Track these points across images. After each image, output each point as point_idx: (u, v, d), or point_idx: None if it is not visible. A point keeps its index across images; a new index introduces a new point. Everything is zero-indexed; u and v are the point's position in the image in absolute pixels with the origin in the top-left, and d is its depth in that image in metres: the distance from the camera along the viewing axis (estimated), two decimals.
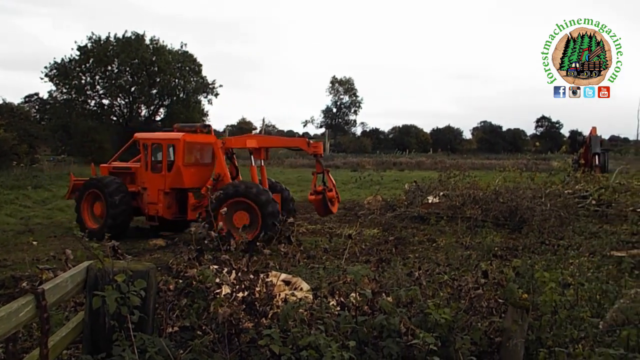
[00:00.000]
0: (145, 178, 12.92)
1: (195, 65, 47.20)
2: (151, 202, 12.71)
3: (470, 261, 6.83)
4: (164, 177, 12.70)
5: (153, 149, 13.06)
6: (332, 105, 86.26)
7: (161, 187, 12.72)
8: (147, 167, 12.95)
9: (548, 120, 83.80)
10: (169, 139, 13.06)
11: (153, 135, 13.89)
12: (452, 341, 3.66)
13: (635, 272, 8.18)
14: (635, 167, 34.15)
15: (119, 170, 13.59)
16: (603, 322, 4.06)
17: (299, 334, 3.38)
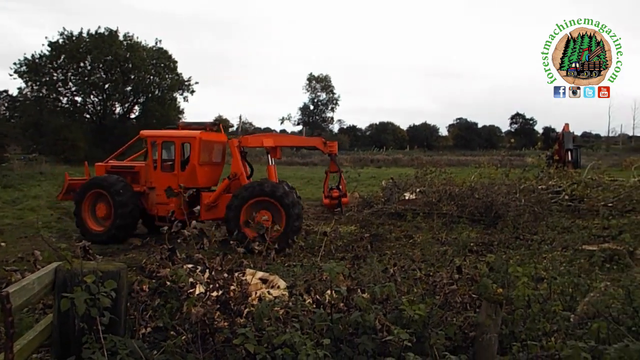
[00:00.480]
0: (153, 177, 12.34)
1: (171, 62, 46.64)
2: (161, 202, 12.05)
3: (446, 257, 6.87)
4: (177, 176, 12.18)
5: (164, 147, 12.53)
6: (309, 102, 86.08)
7: (173, 186, 11.79)
8: (156, 166, 12.38)
9: (522, 117, 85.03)
10: (184, 137, 12.49)
11: (164, 132, 13.07)
12: (427, 337, 3.68)
13: (606, 266, 8.36)
14: (607, 163, 34.92)
15: (118, 169, 12.87)
16: (574, 316, 4.12)
17: (274, 332, 3.35)
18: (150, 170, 12.41)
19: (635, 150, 61.76)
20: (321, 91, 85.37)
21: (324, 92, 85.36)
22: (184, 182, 11.72)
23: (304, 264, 8.34)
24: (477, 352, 3.82)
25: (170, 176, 12.23)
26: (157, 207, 12.20)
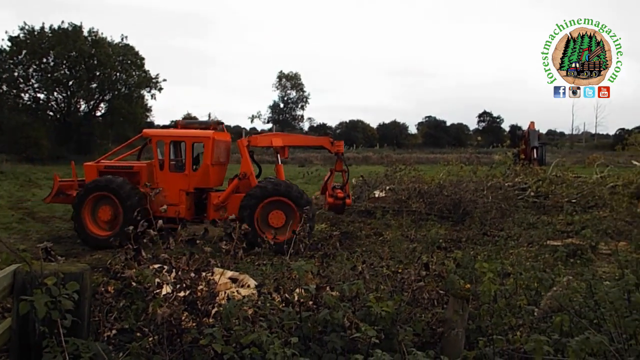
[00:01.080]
0: (160, 178, 11.86)
1: (138, 58, 45.85)
2: (170, 203, 11.47)
3: (415, 254, 6.94)
4: (187, 176, 11.89)
5: (173, 147, 12.12)
6: (279, 100, 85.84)
7: (184, 187, 11.89)
8: (162, 166, 11.94)
9: (489, 115, 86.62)
10: (197, 136, 12.16)
11: (173, 132, 12.54)
12: (396, 333, 3.70)
13: (570, 260, 8.59)
14: (570, 160, 35.82)
15: (114, 169, 12.18)
16: (538, 310, 4.21)
17: (242, 332, 3.32)
18: (157, 171, 11.94)
19: (597, 147, 63.63)
20: (291, 89, 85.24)
21: (294, 90, 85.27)
22: (196, 183, 11.96)
23: (274, 262, 8.33)
24: (444, 348, 3.86)
25: (181, 177, 11.92)
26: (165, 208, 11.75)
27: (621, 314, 3.26)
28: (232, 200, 11.80)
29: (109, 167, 12.25)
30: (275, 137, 13.09)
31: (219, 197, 11.92)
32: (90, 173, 12.17)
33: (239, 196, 11.75)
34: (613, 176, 21.39)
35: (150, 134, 12.51)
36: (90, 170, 12.25)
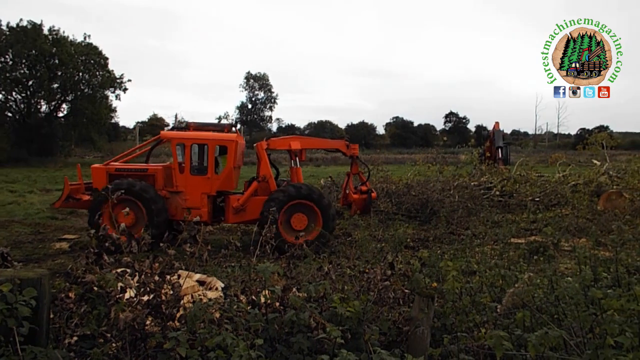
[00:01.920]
0: (181, 181, 11.66)
1: (101, 58, 44.84)
2: (191, 206, 11.43)
3: (382, 253, 6.99)
4: (210, 179, 11.72)
5: (195, 150, 11.88)
6: (247, 101, 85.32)
7: (206, 190, 11.73)
8: (183, 168, 11.71)
9: (456, 115, 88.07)
10: (220, 139, 11.98)
11: (195, 134, 12.11)
12: (362, 333, 3.72)
13: (534, 258, 8.78)
14: (534, 160, 36.68)
15: (126, 172, 11.77)
16: (500, 306, 4.28)
17: (207, 334, 3.27)
18: (176, 174, 11.70)
19: (559, 147, 65.37)
20: (259, 90, 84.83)
21: (262, 90, 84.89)
22: (218, 186, 11.84)
23: (242, 264, 8.27)
24: (410, 346, 3.89)
25: (203, 180, 11.72)
26: (184, 212, 11.23)
27: (580, 309, 3.35)
28: (251, 203, 11.80)
29: (121, 170, 11.85)
30: (293, 140, 13.15)
31: (238, 200, 11.83)
32: (99, 176, 11.72)
33: (258, 199, 11.81)
34: (574, 175, 22.01)
35: (169, 136, 12.25)
36: (98, 173, 11.79)
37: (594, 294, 2.93)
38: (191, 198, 11.56)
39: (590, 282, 3.54)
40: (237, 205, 11.74)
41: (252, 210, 11.61)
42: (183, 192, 11.63)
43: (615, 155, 31.90)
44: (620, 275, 4.36)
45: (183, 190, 11.63)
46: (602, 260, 5.17)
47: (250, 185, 12.14)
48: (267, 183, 12.06)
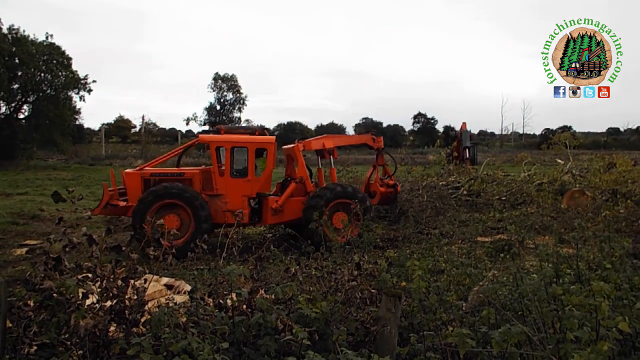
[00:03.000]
0: (222, 184, 11.70)
1: (64, 58, 43.60)
2: (232, 209, 11.31)
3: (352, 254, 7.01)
4: (251, 182, 11.84)
5: (235, 153, 11.89)
6: (215, 102, 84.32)
7: (247, 192, 11.84)
8: (223, 172, 11.75)
9: (424, 116, 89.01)
10: (260, 142, 12.11)
11: (234, 138, 12.16)
12: (330, 333, 3.71)
13: (500, 255, 8.94)
14: (500, 159, 37.32)
15: (162, 176, 11.71)
16: (466, 304, 4.34)
17: (172, 339, 3.22)
18: (217, 177, 11.71)
19: (525, 147, 66.77)
20: (227, 91, 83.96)
21: (231, 91, 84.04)
22: (258, 188, 12.01)
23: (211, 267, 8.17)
24: (378, 345, 3.91)
25: (244, 182, 11.82)
26: (226, 215, 11.46)
27: (542, 305, 3.42)
28: (288, 204, 12.03)
29: (156, 175, 11.77)
30: (326, 140, 13.50)
31: (277, 201, 11.99)
32: (133, 181, 11.58)
33: (295, 200, 12.09)
34: (539, 174, 22.50)
35: (209, 139, 12.24)
36: (133, 178, 11.64)
37: (554, 291, 2.99)
38: (232, 201, 11.64)
39: (552, 279, 3.62)
40: (276, 207, 11.92)
41: (289, 211, 11.91)
42: (223, 195, 11.70)
43: (578, 155, 32.75)
44: (581, 272, 4.47)
45: (223, 193, 11.71)
46: (565, 257, 5.29)
47: (288, 187, 12.41)
48: (303, 184, 12.42)
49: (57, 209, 16.43)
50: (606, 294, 2.69)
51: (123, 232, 13.00)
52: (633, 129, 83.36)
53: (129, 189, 11.54)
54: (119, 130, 75.32)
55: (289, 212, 11.87)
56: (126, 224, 14.40)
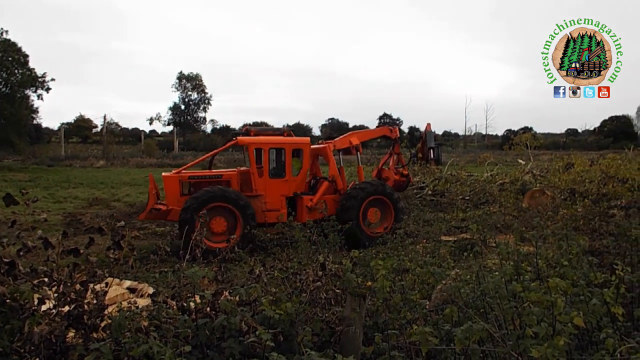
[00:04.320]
0: (261, 184, 12.08)
1: (21, 55, 42.26)
2: (272, 209, 11.94)
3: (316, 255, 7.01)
4: (288, 181, 12.36)
5: (273, 154, 12.39)
6: (179, 102, 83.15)
7: (285, 192, 12.34)
8: (262, 172, 12.14)
9: (389, 117, 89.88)
10: (296, 143, 12.69)
11: (271, 139, 12.59)
12: (295, 334, 3.69)
13: (463, 254, 9.09)
14: (464, 160, 38.03)
15: (201, 179, 11.98)
16: (429, 303, 4.38)
17: (133, 344, 3.14)
18: (256, 178, 12.05)
19: (488, 147, 68.26)
20: (192, 90, 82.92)
21: (195, 91, 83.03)
22: (295, 188, 12.53)
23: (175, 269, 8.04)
24: (343, 345, 3.91)
25: (281, 182, 12.30)
26: (265, 215, 11.89)
27: (503, 302, 3.48)
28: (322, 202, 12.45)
29: (196, 177, 12.08)
30: (352, 137, 14.09)
31: (312, 199, 12.42)
32: (172, 184, 11.71)
33: (327, 198, 12.63)
34: (501, 174, 23.04)
35: (247, 141, 12.36)
36: (171, 182, 11.74)
37: (514, 288, 3.05)
38: (271, 200, 12.03)
39: (513, 277, 3.69)
40: (311, 205, 12.30)
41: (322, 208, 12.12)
42: (262, 195, 12.04)
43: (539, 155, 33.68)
44: (540, 269, 4.58)
45: (263, 194, 12.05)
46: (525, 255, 5.41)
47: (320, 186, 12.91)
48: (334, 183, 12.99)
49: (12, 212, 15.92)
50: (563, 291, 2.76)
51: (83, 235, 12.69)
52: (590, 130, 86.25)
53: (167, 192, 11.66)
54: (79, 130, 73.38)
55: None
56: (87, 227, 14.08)
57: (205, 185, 11.69)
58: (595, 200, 15.58)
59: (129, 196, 21.71)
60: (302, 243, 7.87)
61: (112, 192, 23.26)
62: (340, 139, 14.01)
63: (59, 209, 17.89)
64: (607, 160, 19.40)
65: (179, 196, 11.54)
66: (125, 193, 22.66)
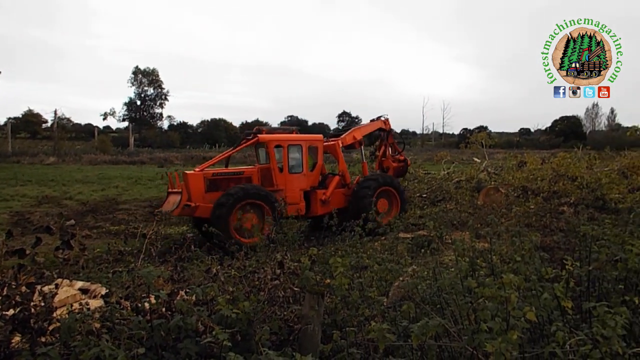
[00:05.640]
0: (281, 180, 12.77)
1: None
2: (291, 202, 12.43)
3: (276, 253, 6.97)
4: (306, 176, 13.13)
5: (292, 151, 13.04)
6: (135, 97, 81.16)
7: (303, 186, 13.09)
8: (282, 168, 12.84)
9: (349, 115, 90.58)
10: (311, 140, 13.62)
11: (290, 137, 13.39)
12: (253, 334, 3.65)
13: (421, 251, 9.22)
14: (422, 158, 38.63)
15: (225, 176, 12.53)
16: (387, 300, 4.42)
17: (84, 347, 3.03)
18: (276, 174, 12.71)
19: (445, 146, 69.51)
20: (148, 86, 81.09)
21: (152, 86, 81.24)
22: (312, 182, 13.38)
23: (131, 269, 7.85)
24: (301, 344, 3.90)
25: (300, 177, 13.07)
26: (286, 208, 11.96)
27: (458, 298, 3.54)
28: (333, 196, 13.36)
29: (220, 174, 12.57)
30: (355, 132, 15.06)
31: (325, 193, 13.26)
32: (197, 181, 12.03)
33: (337, 191, 13.57)
34: (458, 172, 23.51)
35: (268, 139, 12.90)
36: (196, 179, 12.07)
37: (469, 284, 3.11)
38: (291, 195, 12.70)
39: (468, 273, 3.76)
40: (325, 198, 13.14)
41: (333, 202, 12.98)
42: (283, 189, 12.69)
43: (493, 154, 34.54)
44: (494, 265, 4.68)
45: (283, 188, 12.71)
46: (480, 251, 5.53)
47: (331, 180, 13.71)
48: (343, 177, 13.87)
49: None
50: (516, 286, 2.82)
51: (32, 234, 12.23)
52: (542, 130, 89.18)
53: (192, 189, 11.88)
54: (28, 125, 70.69)
55: (333, 203, 12.85)
56: (36, 226, 13.59)
57: (228, 182, 12.29)
58: (547, 197, 16.10)
59: (82, 194, 21.05)
60: (261, 241, 7.83)
61: (63, 189, 22.43)
62: (346, 136, 14.81)
63: (5, 208, 17.17)
64: (558, 159, 20.05)
65: (204, 193, 11.93)
66: (78, 191, 21.94)
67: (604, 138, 65.55)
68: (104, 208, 17.35)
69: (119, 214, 16.20)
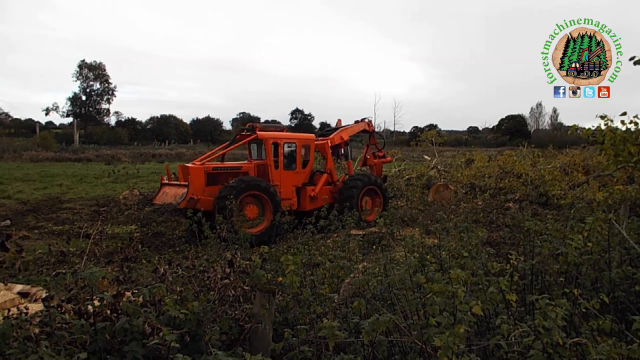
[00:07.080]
0: (277, 176, 13.13)
1: None
2: (285, 198, 12.96)
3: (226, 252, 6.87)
4: (298, 173, 13.62)
5: (286, 148, 13.46)
6: (80, 92, 78.25)
7: (295, 183, 13.55)
8: (278, 165, 13.20)
9: (301, 112, 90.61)
10: (304, 139, 14.13)
11: (285, 135, 13.82)
12: (202, 334, 3.58)
13: (372, 247, 9.30)
14: None
15: (223, 170, 12.75)
16: (338, 296, 4.43)
17: (20, 354, 2.88)
18: (272, 170, 13.06)
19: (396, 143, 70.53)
20: (94, 80, 78.38)
21: (98, 81, 78.56)
22: (304, 179, 13.87)
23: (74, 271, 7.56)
24: (252, 343, 3.85)
25: (293, 174, 13.53)
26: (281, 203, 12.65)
27: (408, 294, 3.58)
28: (321, 192, 13.81)
29: (219, 168, 12.76)
30: (342, 133, 15.74)
31: (314, 190, 13.74)
32: (198, 175, 12.19)
33: (325, 188, 14.08)
34: (409, 169, 23.91)
35: (266, 136, 13.21)
36: (198, 172, 12.23)
37: (418, 279, 3.15)
38: (285, 190, 13.18)
39: (418, 268, 3.81)
40: (313, 195, 13.66)
41: (320, 198, 13.21)
42: (278, 185, 13.05)
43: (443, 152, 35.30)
44: (443, 260, 4.77)
45: (278, 184, 13.07)
46: (430, 247, 5.63)
47: (321, 178, 14.22)
48: (330, 175, 14.49)
49: None
50: (463, 281, 2.88)
51: None
52: (489, 128, 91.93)
53: (193, 182, 11.98)
54: None
55: (320, 199, 13.11)
56: None
57: (227, 175, 12.56)
58: (493, 194, 16.61)
59: (22, 193, 20.09)
60: (211, 240, 7.70)
61: (1, 188, 21.34)
62: (335, 136, 15.41)
63: None
64: (504, 157, 20.73)
65: (204, 186, 12.12)
66: (18, 189, 20.89)
67: (547, 137, 68.30)
68: (47, 207, 16.63)
69: (62, 214, 15.56)
